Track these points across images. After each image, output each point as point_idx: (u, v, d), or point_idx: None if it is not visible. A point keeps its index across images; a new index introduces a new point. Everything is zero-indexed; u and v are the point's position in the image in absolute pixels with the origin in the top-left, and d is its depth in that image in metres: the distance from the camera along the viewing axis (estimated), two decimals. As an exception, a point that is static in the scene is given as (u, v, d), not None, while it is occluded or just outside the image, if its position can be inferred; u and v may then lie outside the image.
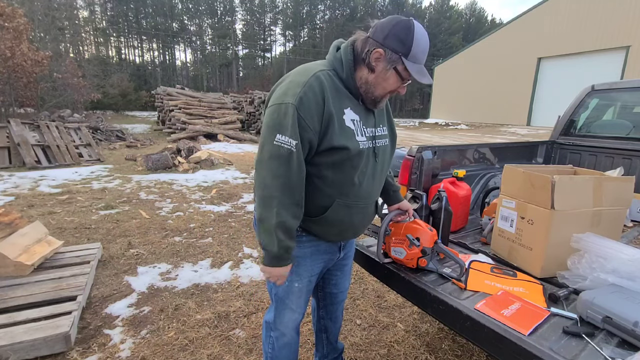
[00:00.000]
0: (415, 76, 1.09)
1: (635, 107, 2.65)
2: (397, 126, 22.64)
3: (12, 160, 7.14)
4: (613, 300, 1.09)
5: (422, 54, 1.10)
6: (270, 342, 1.40)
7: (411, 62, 1.09)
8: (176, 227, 3.82)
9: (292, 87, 1.07)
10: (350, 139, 1.12)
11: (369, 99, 1.17)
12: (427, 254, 1.34)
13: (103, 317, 2.20)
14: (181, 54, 66.21)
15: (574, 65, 17.93)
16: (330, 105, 1.08)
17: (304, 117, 1.04)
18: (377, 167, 1.24)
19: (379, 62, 1.10)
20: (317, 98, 1.06)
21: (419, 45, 1.08)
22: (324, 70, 1.12)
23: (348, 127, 1.13)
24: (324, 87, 1.08)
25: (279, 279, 1.19)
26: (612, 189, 1.46)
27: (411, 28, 1.07)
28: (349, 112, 1.14)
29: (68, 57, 22.24)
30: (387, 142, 1.30)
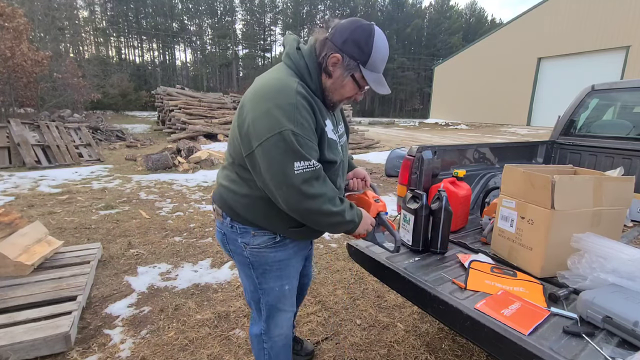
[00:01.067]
0: (373, 86, 1.07)
1: (635, 107, 2.65)
2: (397, 126, 22.68)
3: (12, 160, 7.15)
4: (613, 300, 1.09)
5: (381, 62, 1.07)
6: (265, 354, 1.38)
7: (369, 70, 1.06)
8: (176, 227, 3.82)
9: (283, 111, 0.99)
10: (334, 151, 1.14)
11: (328, 104, 1.15)
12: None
13: (103, 317, 2.20)
14: (181, 54, 66.26)
15: (574, 65, 17.94)
16: (318, 119, 1.07)
17: (309, 138, 1.03)
18: (345, 165, 1.29)
19: (336, 68, 1.07)
20: (310, 116, 1.04)
21: (379, 54, 1.04)
22: (299, 84, 1.05)
23: (332, 139, 1.13)
24: (310, 103, 1.05)
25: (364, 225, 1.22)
26: (612, 189, 1.46)
27: (371, 35, 1.02)
28: (328, 123, 1.13)
29: (68, 57, 22.24)
30: (345, 138, 1.34)
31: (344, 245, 3.39)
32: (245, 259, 1.25)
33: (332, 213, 1.07)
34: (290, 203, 1.04)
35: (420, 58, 55.58)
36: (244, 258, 1.25)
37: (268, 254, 1.23)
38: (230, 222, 1.22)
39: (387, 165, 2.57)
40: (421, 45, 58.11)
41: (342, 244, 3.46)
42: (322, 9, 57.14)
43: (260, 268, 1.26)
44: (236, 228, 1.22)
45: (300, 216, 1.07)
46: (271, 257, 1.24)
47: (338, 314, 2.28)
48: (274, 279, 1.27)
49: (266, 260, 1.24)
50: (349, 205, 1.15)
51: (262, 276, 1.27)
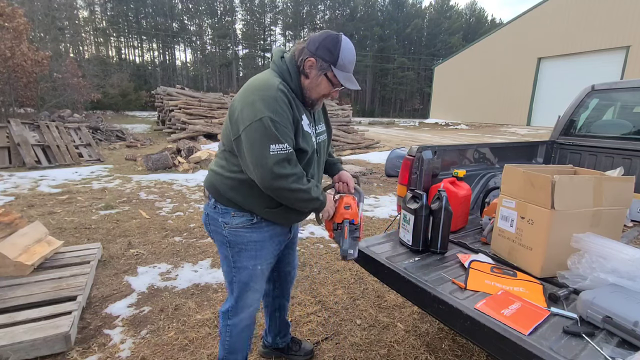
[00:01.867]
0: (343, 82, 1.27)
1: (635, 107, 2.65)
2: (397, 126, 22.63)
3: (12, 160, 7.14)
4: (613, 300, 1.09)
5: (350, 64, 1.28)
6: (228, 331, 1.50)
7: (339, 70, 1.27)
8: (176, 227, 3.82)
9: (266, 101, 1.18)
10: (308, 142, 1.32)
11: (308, 103, 1.34)
12: (335, 229, 1.40)
13: (103, 317, 2.20)
14: (181, 54, 66.30)
15: (574, 65, 17.94)
16: (295, 112, 1.26)
17: (285, 126, 1.20)
18: (320, 159, 1.45)
19: (312, 69, 1.28)
20: (288, 108, 1.22)
21: (346, 57, 1.26)
22: (281, 82, 1.26)
23: (307, 132, 1.31)
24: (288, 98, 1.24)
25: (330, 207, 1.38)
26: (612, 189, 1.46)
27: (339, 41, 1.25)
28: (304, 118, 1.31)
29: (68, 57, 22.24)
30: (325, 136, 1.49)
31: (344, 245, 3.39)
32: (224, 237, 1.39)
33: (300, 190, 1.24)
34: (265, 180, 1.20)
35: (420, 58, 55.58)
36: (223, 237, 1.39)
37: (244, 234, 1.37)
38: (214, 203, 1.38)
39: (387, 165, 2.57)
40: (421, 45, 58.09)
41: (342, 244, 3.46)
42: (322, 9, 57.13)
43: (237, 247, 1.39)
44: (219, 208, 1.37)
45: (273, 193, 1.24)
46: (247, 237, 1.38)
47: (338, 314, 2.28)
48: (247, 258, 1.41)
49: (242, 239, 1.38)
50: (315, 185, 1.31)
51: (237, 255, 1.41)
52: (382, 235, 1.90)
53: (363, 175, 6.90)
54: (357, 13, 55.76)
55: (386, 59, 53.33)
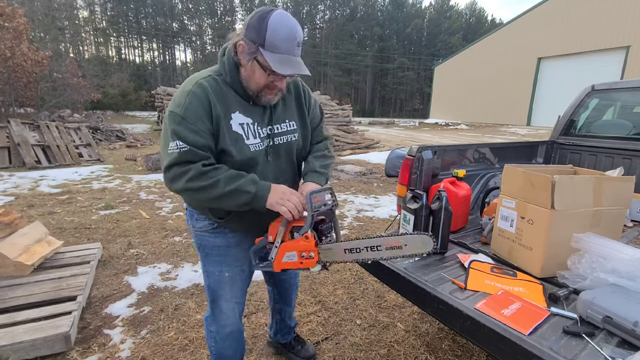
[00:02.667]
0: (274, 66, 1.04)
1: (635, 107, 2.65)
2: (397, 126, 22.47)
3: (12, 160, 7.15)
4: (613, 300, 1.09)
5: (284, 42, 1.04)
6: (212, 337, 1.42)
7: (269, 51, 1.04)
8: (176, 227, 3.82)
9: (179, 96, 1.10)
10: (237, 143, 1.14)
11: (252, 96, 1.16)
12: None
13: (103, 317, 2.20)
14: (181, 54, 66.25)
15: (574, 65, 17.94)
16: (217, 109, 1.10)
17: (193, 122, 1.07)
18: (277, 163, 1.25)
19: (243, 55, 1.09)
20: (202, 103, 1.08)
21: (277, 34, 1.03)
22: (209, 76, 1.14)
23: (235, 132, 1.14)
24: (208, 93, 1.10)
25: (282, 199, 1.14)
26: (612, 189, 1.46)
27: (265, 17, 1.02)
28: (237, 116, 1.15)
29: (68, 57, 22.27)
30: (295, 136, 1.28)
31: (344, 245, 3.39)
32: (195, 240, 1.35)
33: (204, 187, 1.08)
34: (166, 183, 1.12)
35: (420, 58, 55.60)
36: (194, 240, 1.35)
37: (207, 238, 1.31)
38: (186, 205, 1.33)
39: (387, 165, 2.57)
40: (421, 45, 58.11)
41: (342, 244, 3.46)
42: (322, 9, 57.15)
43: (203, 251, 1.34)
44: (188, 210, 1.33)
45: (182, 196, 1.18)
46: (210, 241, 1.31)
47: (338, 314, 2.28)
48: (213, 263, 1.33)
49: (207, 244, 1.31)
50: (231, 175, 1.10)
51: (205, 259, 1.35)
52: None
53: (363, 175, 6.90)
54: (357, 13, 55.79)
55: (386, 59, 53.35)
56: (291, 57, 1.07)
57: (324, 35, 54.65)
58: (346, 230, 3.84)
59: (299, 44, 1.08)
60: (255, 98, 1.17)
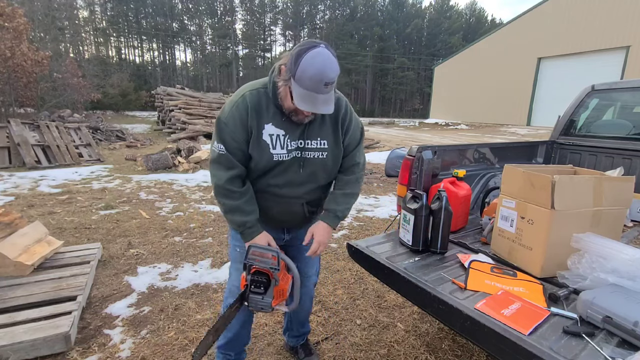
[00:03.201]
0: (296, 100, 1.16)
1: (635, 107, 2.65)
2: (397, 126, 22.42)
3: (12, 160, 7.15)
4: (613, 300, 1.09)
5: (309, 80, 1.11)
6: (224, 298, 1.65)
7: (297, 84, 1.14)
8: (176, 227, 3.82)
9: (228, 105, 1.30)
10: (261, 151, 1.30)
11: (285, 112, 1.28)
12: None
13: (103, 317, 2.20)
14: (181, 54, 66.29)
15: (574, 65, 17.93)
16: (252, 120, 1.27)
17: (233, 130, 1.27)
18: (301, 175, 1.36)
19: (280, 78, 1.22)
20: (241, 115, 1.27)
21: (305, 71, 1.11)
22: (255, 89, 1.30)
23: (264, 141, 1.29)
24: (247, 106, 1.27)
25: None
26: (612, 189, 1.46)
27: (305, 52, 1.12)
28: (269, 127, 1.29)
29: (68, 57, 22.26)
30: (324, 155, 1.37)
31: (344, 245, 3.39)
32: None
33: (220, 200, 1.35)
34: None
35: (420, 58, 55.58)
36: None
37: None
38: None
39: (387, 165, 2.57)
40: (421, 45, 58.09)
41: (342, 244, 3.46)
42: (322, 9, 57.12)
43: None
44: None
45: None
46: None
47: (338, 314, 2.28)
48: (232, 238, 1.55)
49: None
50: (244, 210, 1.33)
51: (230, 232, 1.58)
52: (382, 235, 1.90)
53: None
54: (357, 13, 55.77)
55: (386, 59, 53.34)
56: (315, 95, 1.14)
57: (324, 35, 54.62)
58: (346, 230, 3.85)
59: (327, 84, 1.14)
60: (289, 115, 1.28)
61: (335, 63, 1.15)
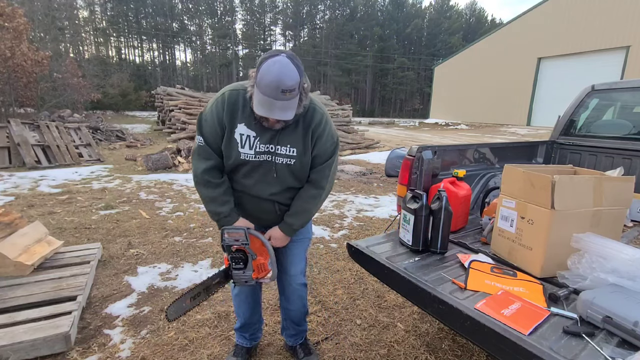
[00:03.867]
0: (255, 103, 1.23)
1: (635, 107, 2.65)
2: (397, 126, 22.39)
3: (12, 160, 7.14)
4: (613, 300, 1.09)
5: (266, 87, 1.16)
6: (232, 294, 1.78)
7: (257, 90, 1.20)
8: (176, 227, 3.82)
9: (210, 101, 1.40)
10: (231, 148, 1.38)
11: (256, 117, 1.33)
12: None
13: (103, 317, 2.20)
14: (181, 54, 66.28)
15: (574, 65, 17.94)
16: (227, 118, 1.36)
17: (210, 124, 1.38)
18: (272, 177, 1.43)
19: (249, 84, 1.28)
20: (219, 111, 1.36)
21: (263, 78, 1.17)
22: (235, 90, 1.37)
23: (234, 139, 1.37)
24: (224, 105, 1.36)
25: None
26: (612, 189, 1.46)
27: (263, 61, 1.19)
28: (241, 127, 1.37)
29: (68, 57, 22.24)
30: (291, 161, 1.41)
31: (344, 245, 3.39)
32: None
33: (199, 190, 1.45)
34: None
35: (420, 58, 55.57)
36: None
37: None
38: None
39: (387, 165, 2.57)
40: (421, 45, 58.08)
41: (342, 244, 3.46)
42: (322, 9, 57.09)
43: None
44: None
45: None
46: None
47: (338, 314, 2.28)
48: None
49: None
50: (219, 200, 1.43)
51: None
52: (382, 235, 1.90)
53: (363, 175, 6.90)
54: (357, 13, 55.75)
55: (386, 59, 53.33)
56: (272, 101, 1.19)
57: (324, 35, 54.63)
58: (346, 230, 3.85)
59: (285, 91, 1.17)
60: (260, 120, 1.34)
61: (293, 71, 1.18)
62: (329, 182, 1.51)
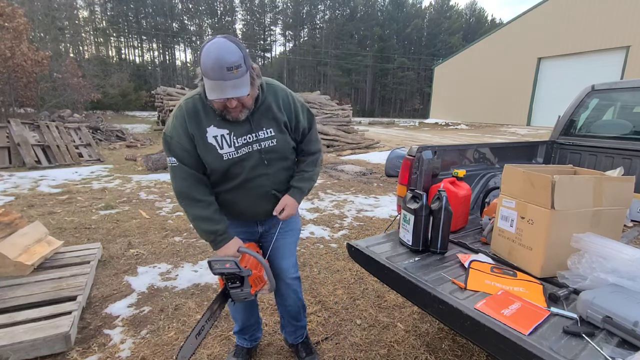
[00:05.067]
0: (207, 91, 1.18)
1: (635, 107, 2.65)
2: (397, 126, 22.43)
3: (12, 160, 7.15)
4: (613, 300, 1.09)
5: (211, 70, 1.14)
6: None
7: (205, 78, 1.18)
8: (176, 227, 3.82)
9: (169, 119, 1.35)
10: (210, 154, 1.34)
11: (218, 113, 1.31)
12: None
13: (103, 317, 2.20)
14: (181, 54, 66.17)
15: (574, 65, 17.93)
16: (192, 127, 1.31)
17: (177, 141, 1.32)
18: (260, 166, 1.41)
19: (199, 81, 1.24)
20: (181, 124, 1.31)
21: (205, 63, 1.15)
22: (190, 98, 1.34)
23: (210, 144, 1.33)
24: (184, 115, 1.31)
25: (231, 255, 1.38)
26: (612, 189, 1.46)
27: (201, 50, 1.16)
28: (211, 129, 1.33)
29: (68, 57, 22.25)
30: (273, 142, 1.41)
31: (344, 245, 3.39)
32: None
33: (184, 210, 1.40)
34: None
35: (420, 58, 55.58)
36: None
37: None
38: None
39: (387, 165, 2.57)
40: (421, 45, 58.09)
41: (342, 244, 3.46)
42: (322, 9, 57.12)
43: None
44: None
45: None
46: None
47: (338, 314, 2.28)
48: None
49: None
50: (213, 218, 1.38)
51: None
52: (382, 235, 1.90)
53: (363, 175, 6.90)
54: (357, 13, 55.76)
55: (386, 59, 53.34)
56: (221, 82, 1.15)
57: (324, 35, 54.64)
58: (346, 230, 3.85)
59: (230, 68, 1.14)
60: (223, 116, 1.31)
61: (233, 48, 1.15)
62: (318, 144, 1.60)
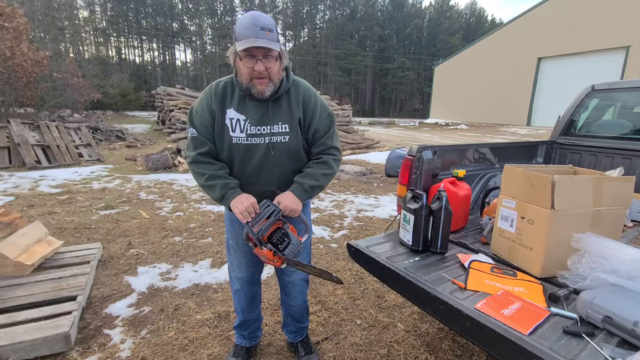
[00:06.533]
0: (240, 47, 1.24)
1: (635, 107, 2.65)
2: (397, 126, 22.48)
3: (12, 160, 7.14)
4: (613, 300, 1.09)
5: (246, 29, 1.23)
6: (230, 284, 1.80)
7: (238, 42, 1.26)
8: (176, 227, 3.82)
9: (200, 95, 1.47)
10: (222, 133, 1.42)
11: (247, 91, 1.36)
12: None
13: (103, 317, 2.20)
14: (181, 54, 66.29)
15: (574, 65, 17.92)
16: (216, 105, 1.41)
17: (201, 115, 1.43)
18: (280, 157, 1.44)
19: (231, 56, 1.34)
20: (207, 100, 1.42)
21: (240, 26, 1.24)
22: (222, 81, 1.45)
23: (225, 124, 1.42)
24: (212, 93, 1.42)
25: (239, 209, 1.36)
26: (612, 189, 1.46)
27: (239, 19, 1.28)
28: (230, 112, 1.42)
29: (68, 57, 22.26)
30: (286, 138, 1.43)
31: (344, 245, 3.39)
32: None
33: (194, 172, 1.45)
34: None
35: (420, 58, 55.57)
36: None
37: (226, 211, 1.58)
38: None
39: (387, 165, 2.57)
40: (421, 45, 58.08)
41: (342, 244, 3.46)
42: (322, 9, 57.08)
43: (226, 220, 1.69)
44: None
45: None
46: (226, 214, 1.65)
47: (338, 314, 2.28)
48: (225, 231, 1.69)
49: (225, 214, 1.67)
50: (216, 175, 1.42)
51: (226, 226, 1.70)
52: (382, 235, 1.90)
53: (363, 175, 6.90)
54: (357, 13, 55.73)
55: (386, 59, 53.33)
56: (254, 39, 1.22)
57: (324, 35, 54.62)
58: (346, 230, 3.85)
59: (264, 28, 1.23)
60: (249, 92, 1.36)
61: (267, 16, 1.27)
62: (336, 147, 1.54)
